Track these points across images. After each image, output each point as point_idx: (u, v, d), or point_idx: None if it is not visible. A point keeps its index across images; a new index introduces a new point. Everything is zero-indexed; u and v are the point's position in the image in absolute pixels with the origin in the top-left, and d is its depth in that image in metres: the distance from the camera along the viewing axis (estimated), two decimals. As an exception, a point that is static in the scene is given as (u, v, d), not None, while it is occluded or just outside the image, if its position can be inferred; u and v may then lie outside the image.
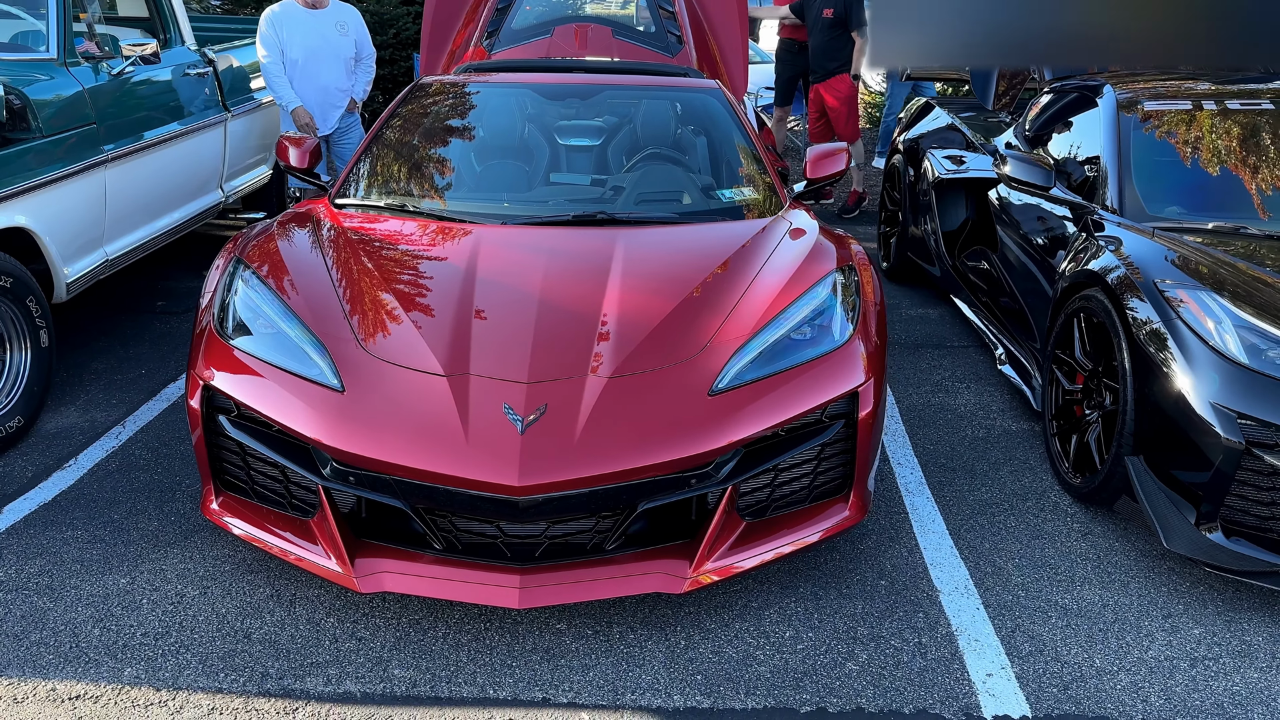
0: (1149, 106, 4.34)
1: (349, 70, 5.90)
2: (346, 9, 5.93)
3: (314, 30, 5.72)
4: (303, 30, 5.70)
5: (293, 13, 5.73)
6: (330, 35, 5.78)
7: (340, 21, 5.85)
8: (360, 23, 5.96)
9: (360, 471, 2.70)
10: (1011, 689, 2.64)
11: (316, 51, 5.73)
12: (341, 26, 5.84)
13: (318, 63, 5.76)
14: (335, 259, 3.29)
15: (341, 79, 5.87)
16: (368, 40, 6.01)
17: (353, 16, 5.93)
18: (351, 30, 5.88)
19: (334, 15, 5.85)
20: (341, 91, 5.90)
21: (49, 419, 4.12)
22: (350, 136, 6.10)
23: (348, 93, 5.95)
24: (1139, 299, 3.29)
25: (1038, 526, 3.43)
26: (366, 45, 5.99)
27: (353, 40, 5.87)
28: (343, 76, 5.87)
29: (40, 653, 2.71)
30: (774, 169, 4.12)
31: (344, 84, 5.91)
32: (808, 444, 2.89)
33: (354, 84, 5.98)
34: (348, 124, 6.07)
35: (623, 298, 3.10)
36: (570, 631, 2.83)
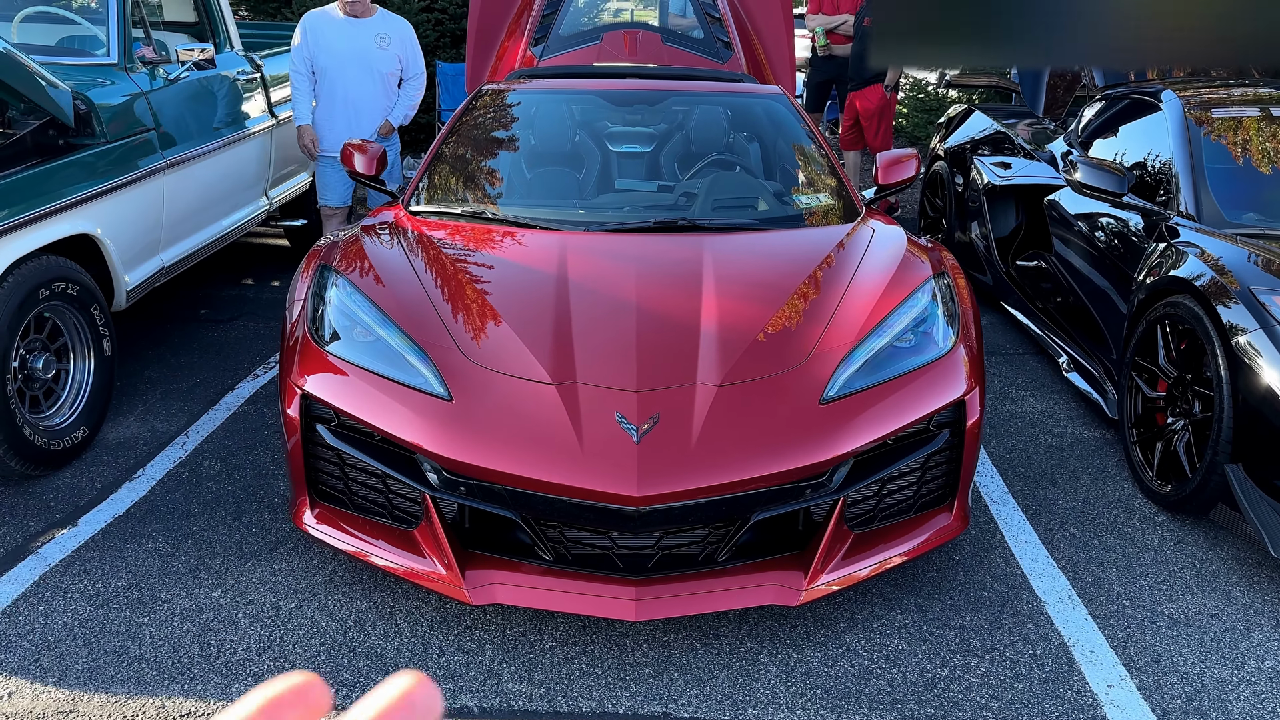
0: (1216, 113, 4.33)
1: (386, 88, 5.22)
2: (396, 22, 5.28)
3: (348, 39, 5.12)
4: (335, 37, 5.12)
5: (328, 19, 5.17)
6: (366, 46, 5.13)
7: (382, 34, 5.18)
8: (410, 38, 5.28)
9: (471, 481, 2.65)
10: (1135, 700, 2.61)
11: (346, 62, 5.11)
12: (382, 39, 5.16)
13: (345, 75, 5.12)
14: (424, 266, 3.25)
15: (375, 96, 5.19)
16: (418, 58, 5.31)
17: (401, 30, 5.25)
18: (395, 44, 5.20)
19: (376, 26, 5.19)
20: (375, 110, 5.21)
21: (110, 429, 4.05)
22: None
23: (383, 113, 5.24)
24: (1233, 304, 3.27)
25: (1129, 535, 3.40)
26: (415, 64, 5.30)
27: (395, 56, 5.19)
28: (377, 94, 5.19)
29: (143, 669, 2.65)
30: (846, 176, 4.10)
31: (378, 102, 5.21)
32: (915, 453, 2.86)
33: (393, 105, 5.28)
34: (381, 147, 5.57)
35: (720, 304, 3.06)
36: (679, 645, 2.78)
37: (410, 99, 5.33)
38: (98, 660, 2.68)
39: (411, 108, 5.34)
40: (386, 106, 5.26)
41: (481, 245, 3.47)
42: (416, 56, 5.30)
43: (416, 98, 5.35)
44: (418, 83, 5.34)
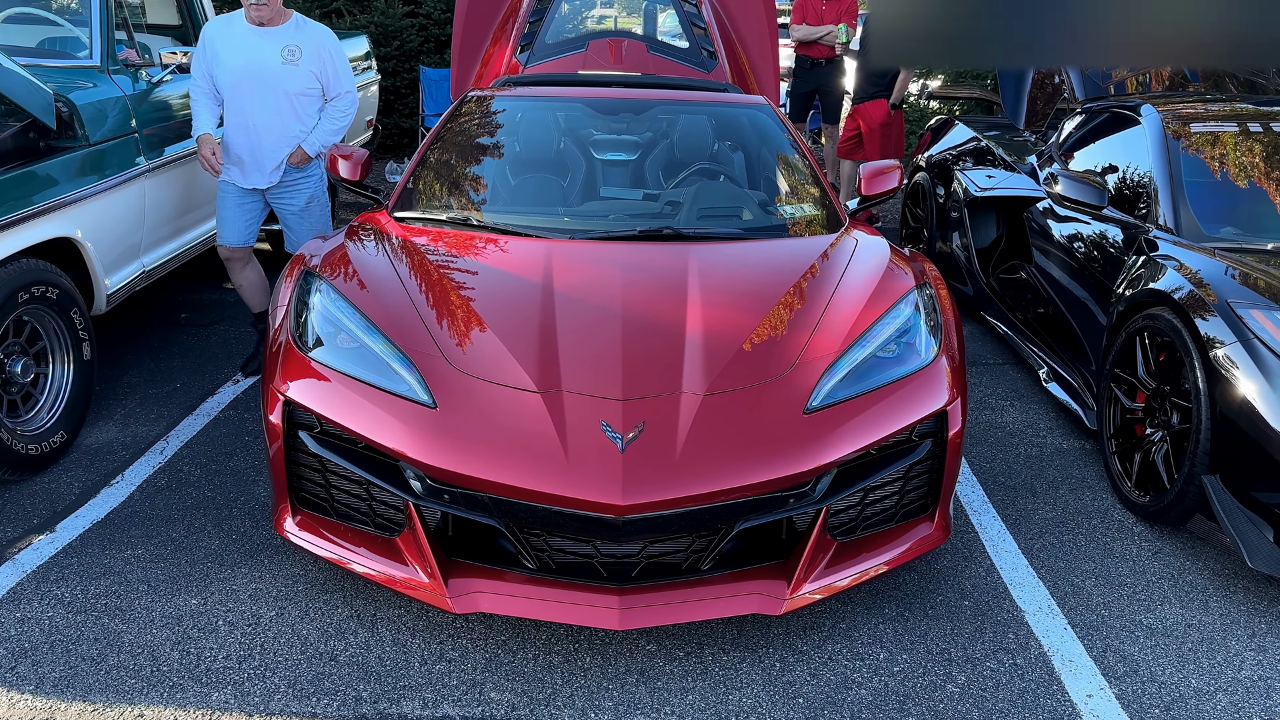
0: (1195, 127, 4.39)
1: (297, 110, 4.34)
2: (312, 31, 4.36)
3: (248, 52, 4.25)
4: (232, 51, 4.25)
5: (229, 29, 4.31)
6: (269, 61, 4.24)
7: (291, 45, 4.27)
8: (330, 50, 4.36)
9: (455, 489, 2.64)
10: (1114, 710, 2.63)
11: (242, 79, 4.25)
12: (291, 52, 4.26)
13: (242, 94, 4.27)
14: (409, 273, 3.24)
15: (281, 120, 4.31)
16: (341, 76, 4.41)
17: (318, 41, 4.34)
18: (307, 59, 4.29)
19: (285, 37, 4.28)
20: (281, 136, 4.34)
21: (89, 434, 4.02)
22: (297, 197, 4.49)
23: (293, 139, 4.36)
24: (1211, 317, 3.31)
25: (1108, 545, 3.43)
26: (337, 80, 4.39)
27: (308, 72, 4.30)
28: (284, 117, 4.32)
29: (121, 677, 2.63)
30: (830, 186, 4.12)
31: (287, 128, 4.33)
32: (897, 463, 2.87)
33: (308, 129, 4.40)
34: (294, 180, 4.46)
35: (705, 313, 3.07)
36: (661, 654, 2.78)
37: (332, 123, 4.45)
38: (75, 668, 2.65)
39: (335, 132, 4.47)
40: (299, 132, 4.38)
41: (466, 252, 3.46)
42: (339, 72, 4.41)
43: (342, 121, 4.48)
44: (343, 104, 4.46)
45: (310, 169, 4.53)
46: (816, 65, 7.79)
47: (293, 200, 4.51)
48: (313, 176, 4.55)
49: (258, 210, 4.52)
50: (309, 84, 4.34)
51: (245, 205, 4.45)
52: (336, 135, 4.51)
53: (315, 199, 4.59)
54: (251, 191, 4.45)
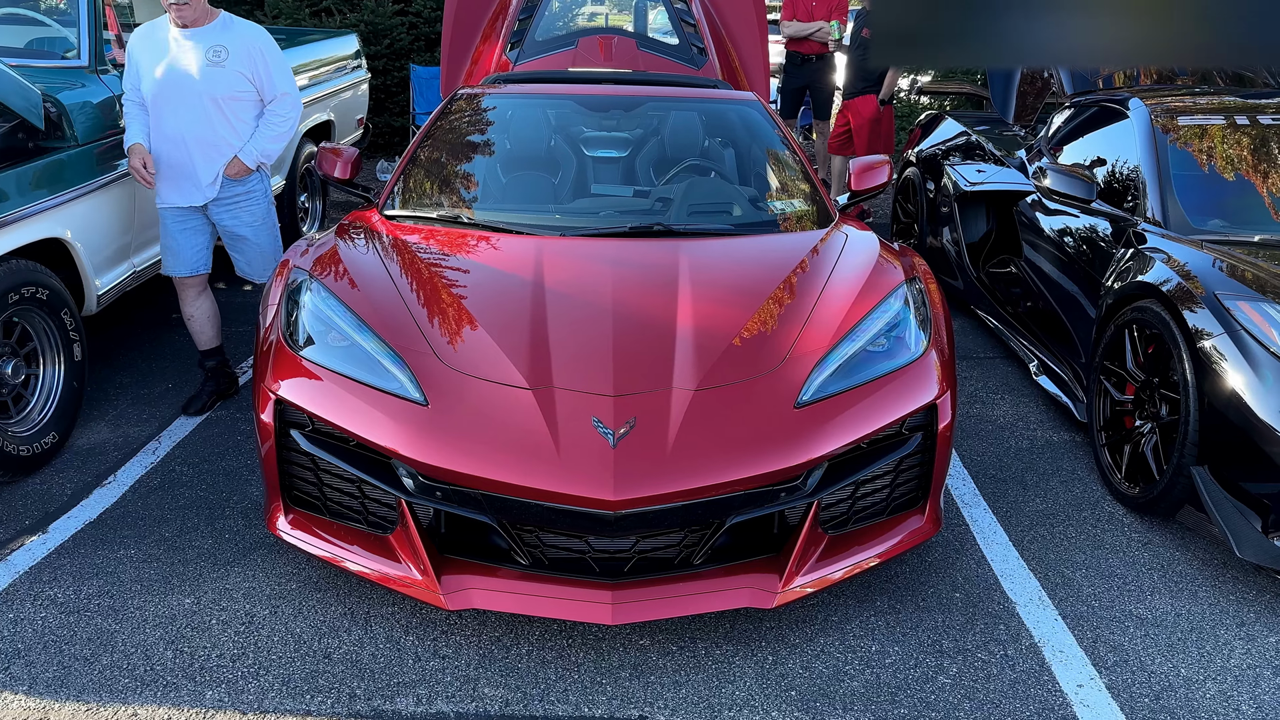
0: (1182, 120, 4.41)
1: (229, 117, 3.93)
2: (241, 30, 3.98)
3: (173, 58, 3.87)
4: (157, 58, 3.88)
5: (154, 35, 3.94)
6: (195, 66, 3.85)
7: (217, 46, 3.88)
8: (262, 49, 3.95)
9: (447, 486, 2.65)
10: (1104, 700, 2.65)
11: (166, 87, 3.86)
12: (217, 54, 3.87)
13: (167, 102, 3.88)
14: (399, 271, 3.24)
15: (210, 128, 3.90)
16: (275, 76, 3.98)
17: (248, 40, 3.94)
18: (237, 59, 3.88)
19: (211, 37, 3.89)
20: (213, 146, 3.93)
21: (81, 434, 4.01)
22: (239, 215, 4.07)
23: (227, 149, 3.95)
24: (1199, 310, 3.33)
25: (1098, 537, 3.45)
26: (270, 83, 3.97)
27: (237, 74, 3.89)
28: (213, 124, 3.90)
29: (115, 676, 2.63)
30: (820, 181, 4.13)
31: (218, 136, 3.92)
32: (888, 457, 2.89)
33: (244, 137, 3.99)
34: (233, 196, 4.04)
35: (696, 309, 3.08)
36: (655, 648, 2.79)
37: (271, 129, 4.02)
38: (69, 668, 2.66)
39: (275, 139, 4.04)
40: (233, 141, 3.97)
41: (457, 250, 3.47)
42: (274, 73, 3.98)
43: (282, 127, 4.04)
44: (281, 107, 4.02)
45: (251, 183, 4.08)
46: (807, 61, 7.80)
47: (234, 218, 4.08)
48: (255, 192, 4.10)
49: (205, 233, 4.12)
50: (239, 87, 3.92)
51: (189, 228, 4.06)
52: (277, 143, 4.05)
53: (260, 216, 4.15)
54: (192, 211, 4.05)
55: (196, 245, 4.12)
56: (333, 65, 6.75)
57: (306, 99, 6.25)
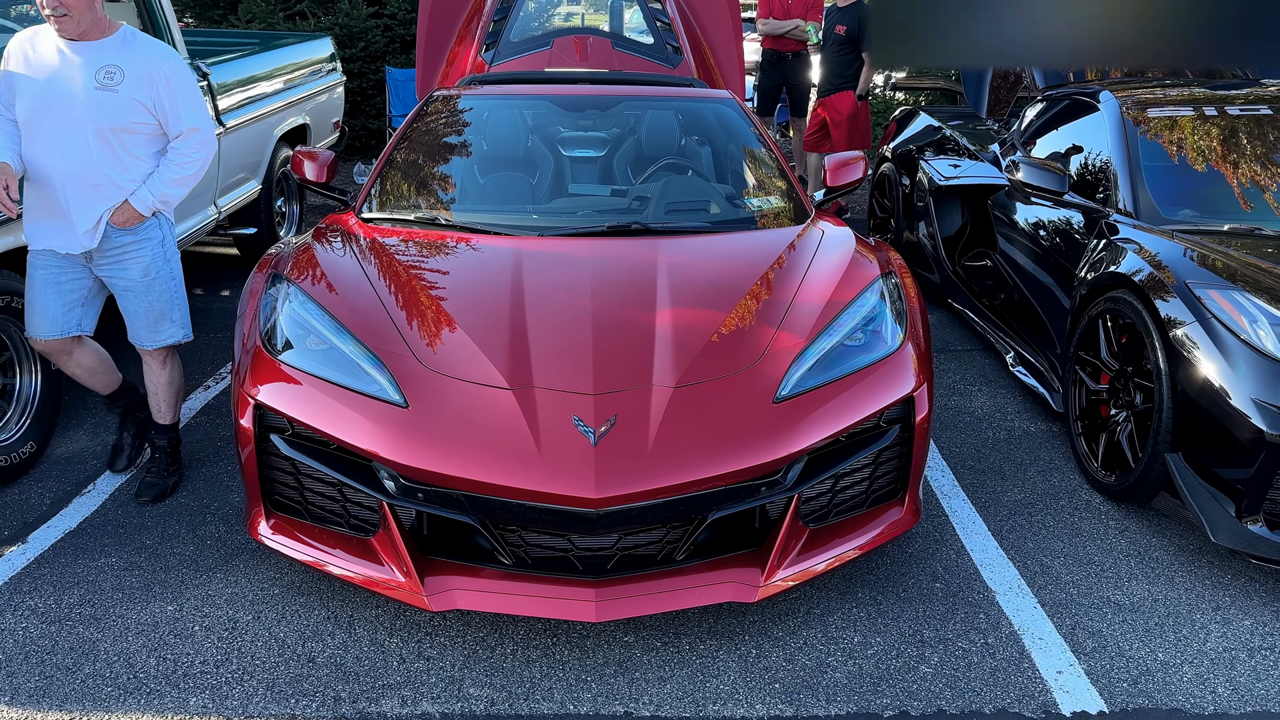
0: (1152, 113, 4.46)
1: (119, 151, 3.24)
2: (142, 49, 3.27)
3: (55, 74, 3.19)
4: (37, 72, 3.21)
5: (38, 42, 3.25)
6: (80, 87, 3.18)
7: (110, 67, 3.19)
8: (164, 74, 3.23)
9: (429, 488, 2.65)
10: (1084, 685, 2.68)
11: (44, 110, 3.20)
12: (109, 74, 3.18)
13: (44, 130, 3.21)
14: (378, 273, 3.24)
15: (92, 164, 3.22)
16: (182, 107, 3.27)
17: (145, 62, 3.23)
18: (130, 84, 3.20)
19: (104, 55, 3.21)
20: (95, 186, 3.24)
21: (59, 444, 3.99)
22: (128, 268, 3.38)
23: (116, 190, 3.27)
24: (1170, 299, 3.37)
25: (1075, 525, 3.49)
26: (176, 115, 3.26)
27: (132, 101, 3.20)
28: (97, 160, 3.22)
29: (97, 685, 2.62)
30: (796, 178, 4.16)
31: (101, 174, 3.23)
32: (866, 449, 2.91)
33: (138, 177, 3.30)
34: (121, 246, 3.35)
35: (675, 306, 3.09)
36: (639, 644, 2.81)
37: (174, 170, 3.31)
38: (50, 678, 2.64)
39: (178, 182, 3.33)
40: (122, 180, 3.28)
41: (435, 251, 3.47)
42: (181, 103, 3.26)
43: (188, 169, 3.32)
44: (190, 145, 3.30)
45: (145, 231, 3.35)
46: (784, 59, 7.84)
47: (122, 272, 3.37)
48: (148, 241, 3.37)
49: (82, 288, 3.39)
50: (133, 116, 3.21)
51: (63, 282, 3.35)
52: (181, 187, 3.35)
53: (153, 272, 3.40)
54: (70, 261, 3.35)
55: (69, 303, 3.38)
56: (307, 69, 6.73)
57: (281, 103, 6.24)
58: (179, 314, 3.56)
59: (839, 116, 7.34)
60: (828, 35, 7.36)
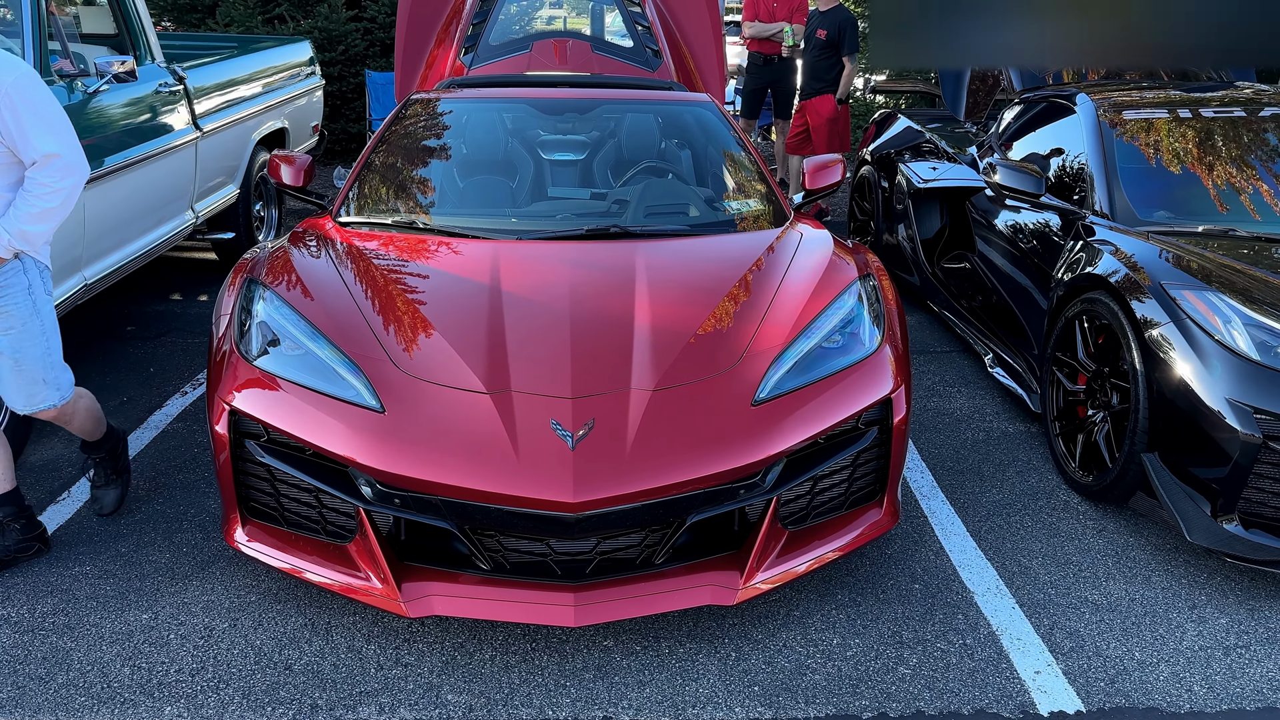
0: (1128, 115, 4.49)
1: None
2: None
3: None
4: None
5: None
6: None
7: None
8: (10, 93, 2.79)
9: (406, 493, 2.64)
10: (1061, 685, 2.69)
11: None
12: None
13: None
14: (354, 278, 3.23)
15: None
16: (37, 133, 2.83)
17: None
18: None
19: None
20: None
21: (34, 451, 3.95)
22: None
23: None
24: (1146, 300, 3.39)
25: (1053, 525, 3.50)
26: (26, 141, 2.83)
27: None
28: None
29: (71, 695, 2.59)
30: (775, 181, 4.16)
31: None
32: (845, 451, 2.91)
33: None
34: None
35: (653, 309, 3.09)
36: (619, 648, 2.80)
37: (32, 204, 2.87)
38: (23, 688, 2.61)
39: (38, 217, 2.88)
40: None
41: (413, 255, 3.45)
42: (30, 126, 2.83)
43: (49, 200, 2.88)
44: (48, 173, 2.86)
45: (7, 276, 2.93)
46: (769, 61, 7.86)
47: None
48: (10, 290, 2.94)
49: None
50: None
51: None
52: (41, 223, 2.90)
53: (19, 323, 2.97)
54: None
55: None
56: (285, 73, 6.70)
57: (259, 106, 6.21)
58: (53, 374, 3.08)
59: (819, 120, 7.37)
60: (809, 39, 7.39)
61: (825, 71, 7.33)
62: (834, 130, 7.41)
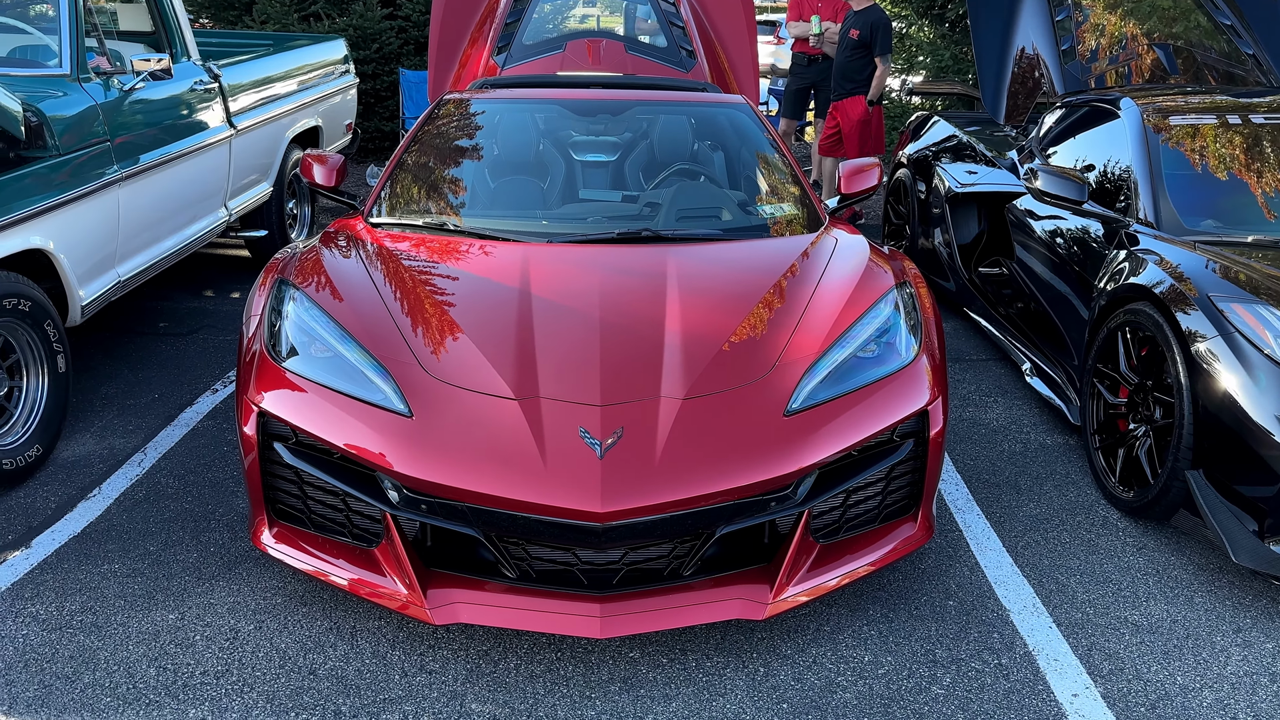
0: (1174, 120, 4.38)
1: None
2: None
3: None
4: None
5: None
6: None
7: None
8: None
9: (433, 499, 2.61)
10: (1100, 709, 2.62)
11: None
12: None
13: None
14: (383, 279, 3.21)
15: None
16: None
17: None
18: None
19: None
20: None
21: (65, 447, 3.97)
22: None
23: None
24: (1192, 311, 3.30)
25: (1092, 542, 3.42)
26: None
27: None
28: None
29: (96, 695, 2.59)
30: (809, 185, 4.10)
31: None
32: (879, 464, 2.85)
33: None
34: None
35: (684, 316, 3.04)
36: (645, 660, 2.76)
37: None
38: (50, 687, 2.61)
39: None
40: None
41: (443, 257, 3.43)
42: None
43: None
44: None
45: None
46: (814, 62, 7.80)
47: None
48: None
49: None
50: None
51: None
52: None
53: None
54: None
55: None
56: (319, 71, 6.71)
57: (293, 105, 6.22)
58: None
59: (850, 123, 7.29)
60: (842, 39, 7.30)
61: (856, 72, 7.24)
62: (865, 133, 7.32)
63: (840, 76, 7.30)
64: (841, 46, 7.30)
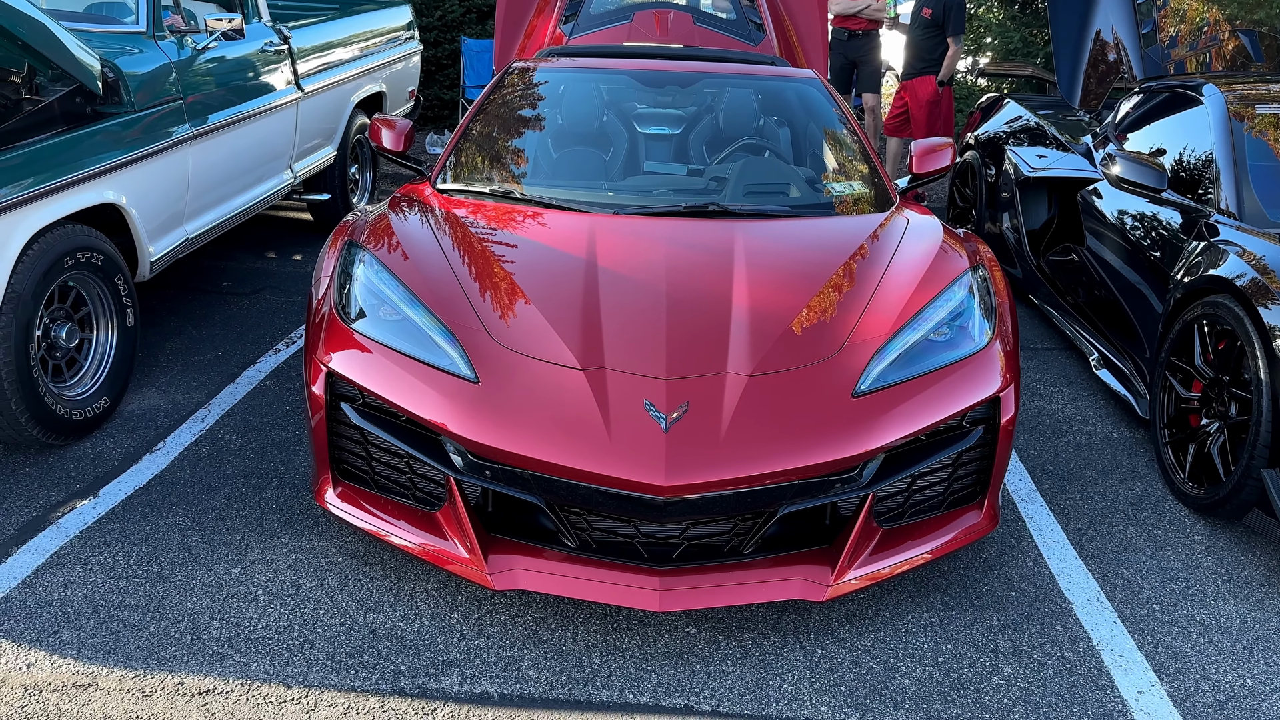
0: (1259, 109, 4.24)
1: None
2: None
3: None
4: None
5: None
6: None
7: None
8: None
9: (496, 465, 2.61)
10: (1166, 708, 2.56)
11: None
12: None
13: None
14: (451, 245, 3.21)
15: None
16: None
17: None
18: None
19: None
20: None
21: (131, 400, 4.04)
22: None
23: None
24: (1275, 305, 3.19)
25: (1159, 538, 3.34)
26: None
27: None
28: None
29: (161, 644, 2.64)
30: (880, 163, 4.02)
31: None
32: (947, 450, 2.81)
33: None
34: None
35: (752, 292, 3.01)
36: (701, 636, 2.75)
37: None
38: (117, 634, 2.67)
39: None
40: None
41: (509, 225, 3.42)
42: None
43: None
44: None
45: None
46: (854, 36, 7.67)
47: None
48: None
49: None
50: None
51: None
52: None
53: None
54: None
55: None
56: (385, 36, 6.72)
57: (359, 70, 6.24)
58: None
59: (918, 103, 7.16)
60: (914, 18, 7.17)
61: (929, 52, 7.10)
62: (934, 113, 7.18)
63: (911, 55, 7.16)
64: (914, 25, 7.16)
